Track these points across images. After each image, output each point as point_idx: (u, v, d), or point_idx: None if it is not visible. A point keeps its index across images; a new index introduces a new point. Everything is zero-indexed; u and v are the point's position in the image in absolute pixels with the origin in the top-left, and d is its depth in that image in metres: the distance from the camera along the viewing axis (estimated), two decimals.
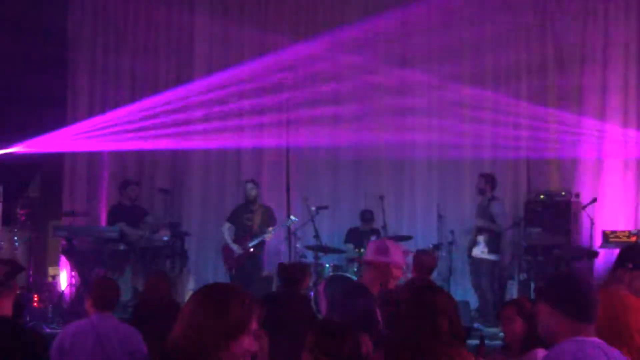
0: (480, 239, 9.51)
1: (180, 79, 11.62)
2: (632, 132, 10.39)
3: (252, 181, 10.29)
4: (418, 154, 11.09)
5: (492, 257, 9.53)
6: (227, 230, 10.08)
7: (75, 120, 11.58)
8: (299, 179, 11.26)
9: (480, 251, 9.51)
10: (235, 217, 10.09)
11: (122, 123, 11.60)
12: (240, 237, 9.90)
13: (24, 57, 10.85)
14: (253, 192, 10.04)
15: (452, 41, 11.00)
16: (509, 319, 4.05)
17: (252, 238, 9.81)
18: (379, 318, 4.29)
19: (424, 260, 6.38)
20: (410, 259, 8.20)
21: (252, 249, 9.81)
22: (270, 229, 9.88)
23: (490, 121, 10.84)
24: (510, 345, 4.09)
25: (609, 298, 3.96)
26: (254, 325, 2.56)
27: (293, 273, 5.87)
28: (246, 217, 9.95)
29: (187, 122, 11.52)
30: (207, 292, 2.62)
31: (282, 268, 6.10)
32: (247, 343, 2.53)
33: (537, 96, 10.77)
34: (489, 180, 9.79)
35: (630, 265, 4.07)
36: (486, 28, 10.92)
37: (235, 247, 9.84)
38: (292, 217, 9.97)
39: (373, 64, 11.11)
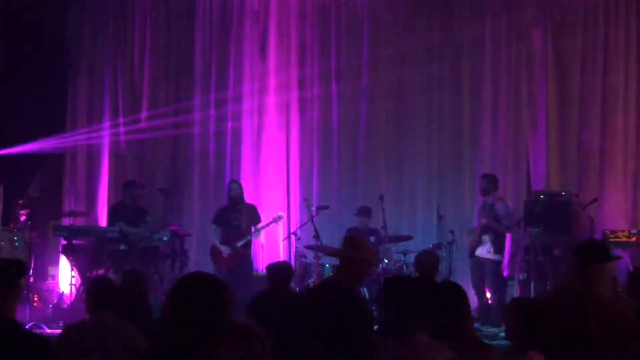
0: (486, 238, 9.51)
1: (181, 80, 11.64)
2: (632, 132, 10.39)
3: (236, 181, 10.38)
4: (418, 153, 11.09)
5: (496, 257, 9.54)
6: (214, 232, 10.11)
7: (75, 121, 11.60)
8: (298, 180, 11.28)
9: (486, 251, 9.52)
10: (221, 219, 10.10)
11: (122, 125, 11.61)
12: (229, 237, 9.91)
13: (25, 58, 10.86)
14: (237, 193, 10.09)
15: (451, 41, 11.01)
16: (513, 317, 4.03)
17: (240, 238, 9.83)
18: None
19: (425, 261, 6.38)
20: (411, 258, 8.26)
21: (240, 249, 9.83)
22: (257, 227, 9.93)
23: (490, 120, 10.84)
24: (512, 344, 4.07)
25: (571, 300, 4.07)
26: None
27: (275, 273, 6.05)
28: (234, 217, 9.98)
29: (187, 123, 11.54)
30: (182, 283, 2.67)
31: (267, 268, 6.35)
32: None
33: (537, 96, 10.76)
34: (492, 181, 9.82)
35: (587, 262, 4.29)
36: (486, 29, 10.91)
37: (224, 248, 9.86)
38: (280, 213, 10.09)
39: (372, 64, 11.12)
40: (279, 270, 6.17)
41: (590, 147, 10.52)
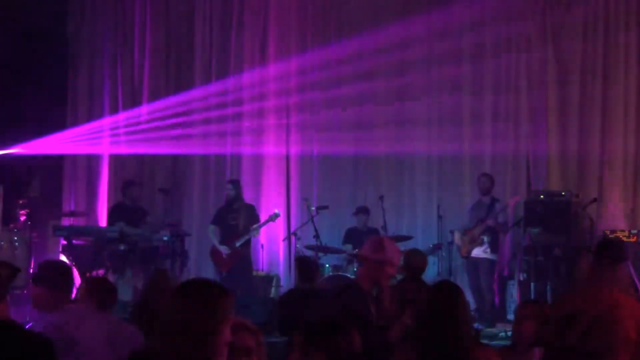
0: (486, 238, 9.51)
1: (181, 82, 11.64)
2: (632, 132, 10.38)
3: (231, 181, 10.35)
4: (418, 153, 11.09)
5: (491, 256, 9.55)
6: (212, 233, 10.11)
7: (75, 121, 11.60)
8: (298, 180, 11.28)
9: (482, 251, 9.52)
10: (219, 219, 10.12)
11: (122, 126, 11.61)
12: (227, 237, 9.92)
13: (25, 59, 10.86)
14: (232, 193, 10.09)
15: (452, 42, 11.00)
16: (526, 317, 4.01)
17: (239, 237, 9.84)
18: (370, 314, 4.31)
19: (413, 261, 6.34)
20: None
21: (240, 249, 9.84)
22: (255, 226, 9.92)
23: (490, 121, 10.84)
24: (516, 345, 4.06)
25: (600, 296, 4.01)
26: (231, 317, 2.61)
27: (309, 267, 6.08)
28: (231, 217, 9.99)
29: (187, 124, 11.53)
30: (187, 289, 2.65)
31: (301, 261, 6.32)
32: (227, 335, 2.58)
33: (537, 97, 10.76)
34: (492, 180, 9.84)
35: (606, 261, 4.11)
36: (487, 31, 10.88)
37: (223, 249, 9.87)
38: (276, 210, 10.05)
39: (372, 66, 11.11)
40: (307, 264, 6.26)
41: (590, 147, 10.51)
